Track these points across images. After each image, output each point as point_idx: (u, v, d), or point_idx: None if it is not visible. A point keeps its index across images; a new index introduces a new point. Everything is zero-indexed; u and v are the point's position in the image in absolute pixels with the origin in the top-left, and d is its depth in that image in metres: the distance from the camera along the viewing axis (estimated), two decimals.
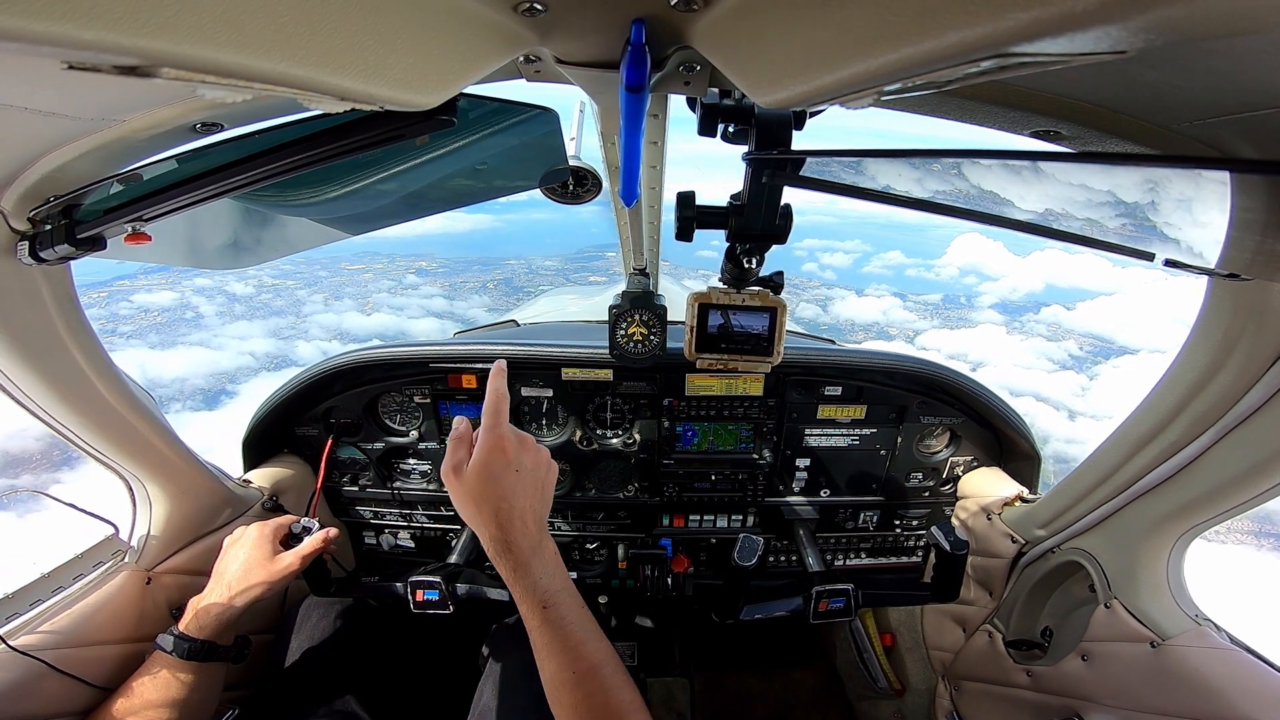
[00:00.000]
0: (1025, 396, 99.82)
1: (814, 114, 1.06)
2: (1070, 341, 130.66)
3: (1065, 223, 1.07)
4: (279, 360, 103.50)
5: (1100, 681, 1.78)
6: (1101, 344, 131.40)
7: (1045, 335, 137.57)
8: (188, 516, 2.01)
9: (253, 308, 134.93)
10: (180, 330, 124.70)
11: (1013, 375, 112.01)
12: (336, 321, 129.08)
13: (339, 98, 0.68)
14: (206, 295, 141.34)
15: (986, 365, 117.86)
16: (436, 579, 1.97)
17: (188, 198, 1.14)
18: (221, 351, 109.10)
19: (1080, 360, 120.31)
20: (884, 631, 3.20)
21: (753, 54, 0.75)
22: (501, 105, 1.29)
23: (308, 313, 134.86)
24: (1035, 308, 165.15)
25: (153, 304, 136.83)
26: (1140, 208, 1.01)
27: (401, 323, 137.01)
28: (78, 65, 0.49)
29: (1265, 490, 1.42)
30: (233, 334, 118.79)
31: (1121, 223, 1.03)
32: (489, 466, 1.28)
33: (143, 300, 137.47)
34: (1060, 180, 1.03)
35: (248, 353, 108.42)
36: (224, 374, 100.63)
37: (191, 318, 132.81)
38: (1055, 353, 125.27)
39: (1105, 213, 1.03)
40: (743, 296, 1.49)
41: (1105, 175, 1.03)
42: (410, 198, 1.82)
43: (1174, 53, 0.64)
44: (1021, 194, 1.07)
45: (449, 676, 2.50)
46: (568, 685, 1.21)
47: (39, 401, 1.51)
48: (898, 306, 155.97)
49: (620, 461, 2.62)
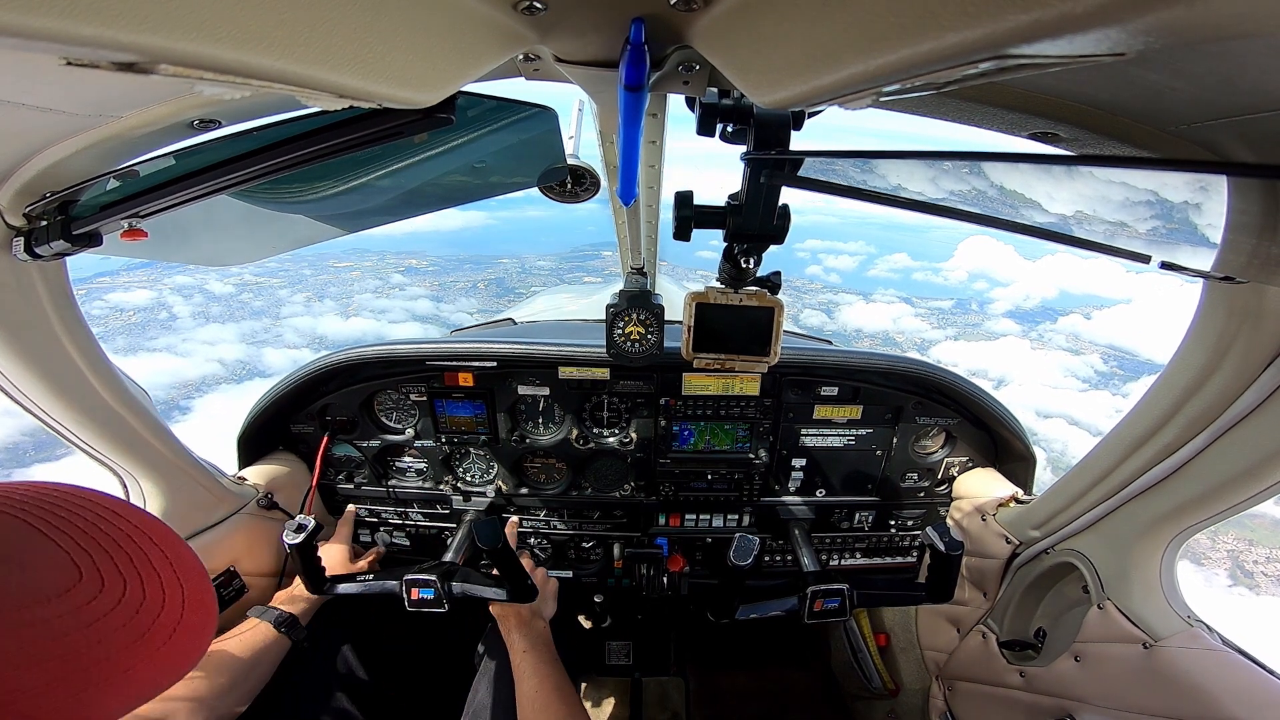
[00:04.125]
0: (1056, 419, 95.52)
1: (812, 114, 1.06)
2: (1094, 355, 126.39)
3: (1062, 225, 1.07)
4: (247, 370, 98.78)
5: (1092, 682, 1.79)
6: (1125, 357, 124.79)
7: (1066, 347, 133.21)
8: (182, 513, 2.00)
9: (230, 308, 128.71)
10: (149, 333, 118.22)
11: (1042, 396, 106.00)
12: (312, 325, 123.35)
13: (337, 95, 0.67)
14: (184, 294, 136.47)
15: (1010, 383, 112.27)
16: (432, 577, 1.97)
17: (185, 194, 1.14)
18: (187, 358, 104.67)
19: (1108, 377, 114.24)
20: (878, 631, 3.21)
21: (752, 54, 0.75)
22: (500, 103, 1.28)
23: (285, 315, 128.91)
24: (1052, 316, 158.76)
25: (127, 303, 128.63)
26: (1137, 210, 1.01)
27: (381, 328, 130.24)
28: (76, 61, 0.49)
29: (1258, 493, 1.42)
30: (203, 338, 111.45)
31: (1118, 225, 1.04)
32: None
33: (117, 299, 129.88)
34: (1058, 182, 1.04)
35: (216, 359, 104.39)
36: (186, 384, 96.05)
37: (165, 319, 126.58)
38: (1080, 368, 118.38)
39: (1102, 215, 1.04)
40: (740, 296, 1.49)
41: (1102, 177, 1.03)
42: (408, 195, 1.81)
43: (1172, 55, 0.65)
44: (1020, 196, 1.07)
45: (444, 674, 2.50)
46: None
47: (33, 397, 1.50)
48: (908, 314, 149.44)
49: (617, 460, 2.62)
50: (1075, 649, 1.85)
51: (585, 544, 2.86)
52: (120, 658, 0.78)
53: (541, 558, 2.90)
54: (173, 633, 0.84)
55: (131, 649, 0.80)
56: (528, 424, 2.56)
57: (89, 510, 0.86)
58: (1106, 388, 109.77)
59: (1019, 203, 1.08)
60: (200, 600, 0.91)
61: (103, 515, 0.87)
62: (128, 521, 0.88)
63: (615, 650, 3.64)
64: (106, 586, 0.80)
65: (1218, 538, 61.35)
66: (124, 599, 0.81)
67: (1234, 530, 62.43)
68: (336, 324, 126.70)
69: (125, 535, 0.86)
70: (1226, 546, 61.88)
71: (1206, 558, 59.97)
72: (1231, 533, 62.18)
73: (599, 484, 2.69)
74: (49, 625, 0.73)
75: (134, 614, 0.81)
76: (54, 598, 0.75)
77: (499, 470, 2.65)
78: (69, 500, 0.85)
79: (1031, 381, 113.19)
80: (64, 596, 0.76)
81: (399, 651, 2.54)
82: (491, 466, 2.67)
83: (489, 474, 2.69)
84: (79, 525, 0.83)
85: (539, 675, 1.87)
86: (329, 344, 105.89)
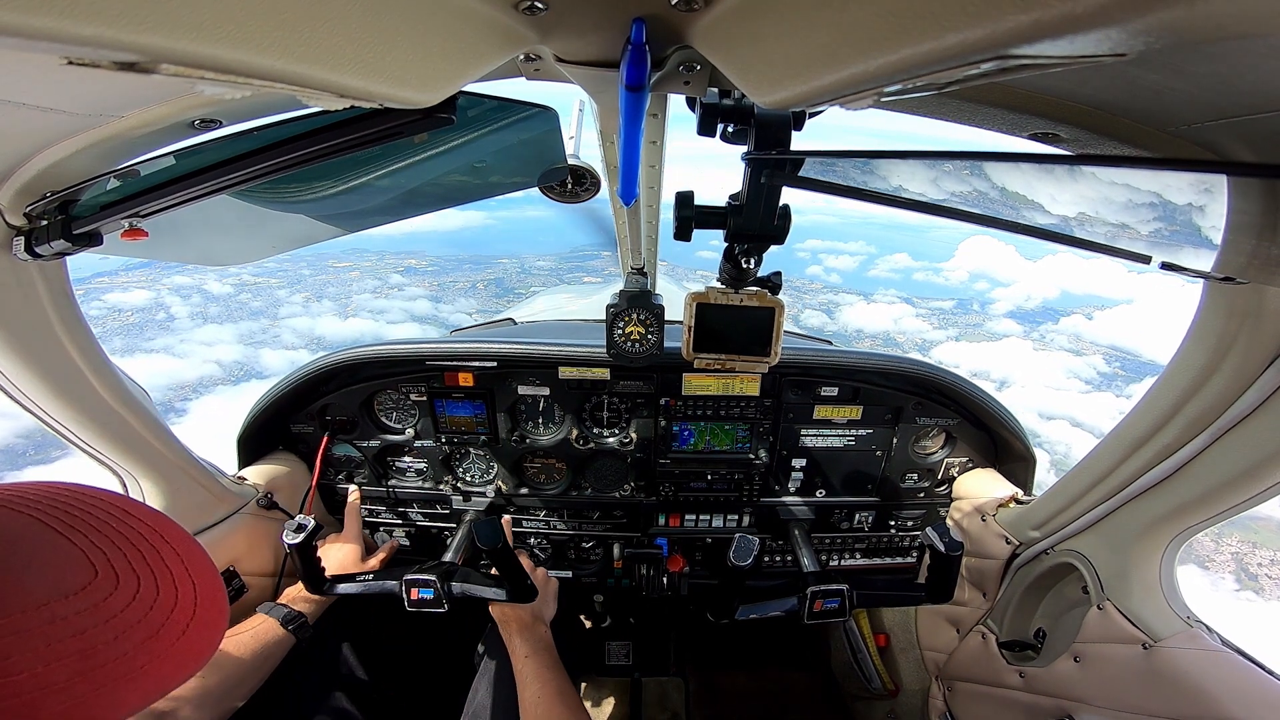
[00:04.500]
0: (1059, 420, 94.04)
1: (813, 114, 1.06)
2: (1096, 356, 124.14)
3: (1063, 225, 1.07)
4: (244, 371, 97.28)
5: (1092, 682, 1.79)
6: (1128, 357, 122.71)
7: (1068, 348, 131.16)
8: (181, 513, 2.00)
9: (229, 309, 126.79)
10: (147, 334, 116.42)
11: (1045, 398, 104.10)
12: (310, 326, 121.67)
13: (338, 95, 0.67)
14: (182, 295, 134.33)
15: (1012, 385, 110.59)
16: (431, 577, 1.97)
17: (185, 194, 1.14)
18: (185, 359, 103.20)
19: (1110, 379, 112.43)
20: (878, 632, 3.21)
21: (752, 54, 0.75)
22: (501, 103, 1.28)
23: (284, 315, 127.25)
24: (1054, 317, 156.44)
25: (125, 304, 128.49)
26: (1137, 211, 1.01)
27: (380, 329, 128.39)
28: (77, 61, 0.49)
29: (1258, 493, 1.42)
30: (201, 339, 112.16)
31: (1119, 226, 1.04)
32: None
33: (115, 300, 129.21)
34: (1059, 183, 1.04)
35: (213, 360, 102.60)
36: (183, 386, 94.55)
37: (163, 319, 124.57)
38: (1083, 369, 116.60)
39: (1103, 215, 1.04)
40: (740, 296, 1.49)
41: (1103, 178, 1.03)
42: (408, 195, 1.81)
43: (1173, 56, 0.65)
44: (1020, 196, 1.07)
45: (444, 674, 2.50)
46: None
47: (33, 397, 1.50)
48: (909, 314, 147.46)
49: (617, 461, 2.62)
50: (1075, 649, 1.85)
51: (585, 544, 2.86)
52: (136, 654, 0.78)
53: (541, 558, 2.90)
54: (185, 629, 0.85)
55: (147, 645, 0.80)
56: (528, 424, 2.56)
57: (100, 508, 0.86)
58: (1110, 389, 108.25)
59: (1020, 203, 1.08)
60: (212, 597, 0.91)
61: (113, 513, 0.87)
62: (138, 519, 0.89)
63: (615, 650, 3.64)
64: (121, 583, 0.80)
65: (1221, 541, 61.05)
66: (138, 595, 0.81)
67: (1238, 533, 62.09)
68: (335, 325, 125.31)
69: (136, 533, 0.86)
70: (1231, 549, 61.60)
71: (1211, 560, 59.59)
72: (1236, 535, 61.87)
73: (599, 484, 2.69)
74: (68, 622, 0.73)
75: (148, 610, 0.81)
76: (72, 594, 0.75)
77: (499, 470, 2.65)
78: (80, 499, 0.86)
79: (1034, 383, 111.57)
80: (82, 594, 0.76)
81: (399, 651, 2.54)
82: (491, 466, 2.67)
83: (489, 474, 2.69)
84: (91, 523, 0.83)
85: (541, 680, 1.87)
86: (326, 345, 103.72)
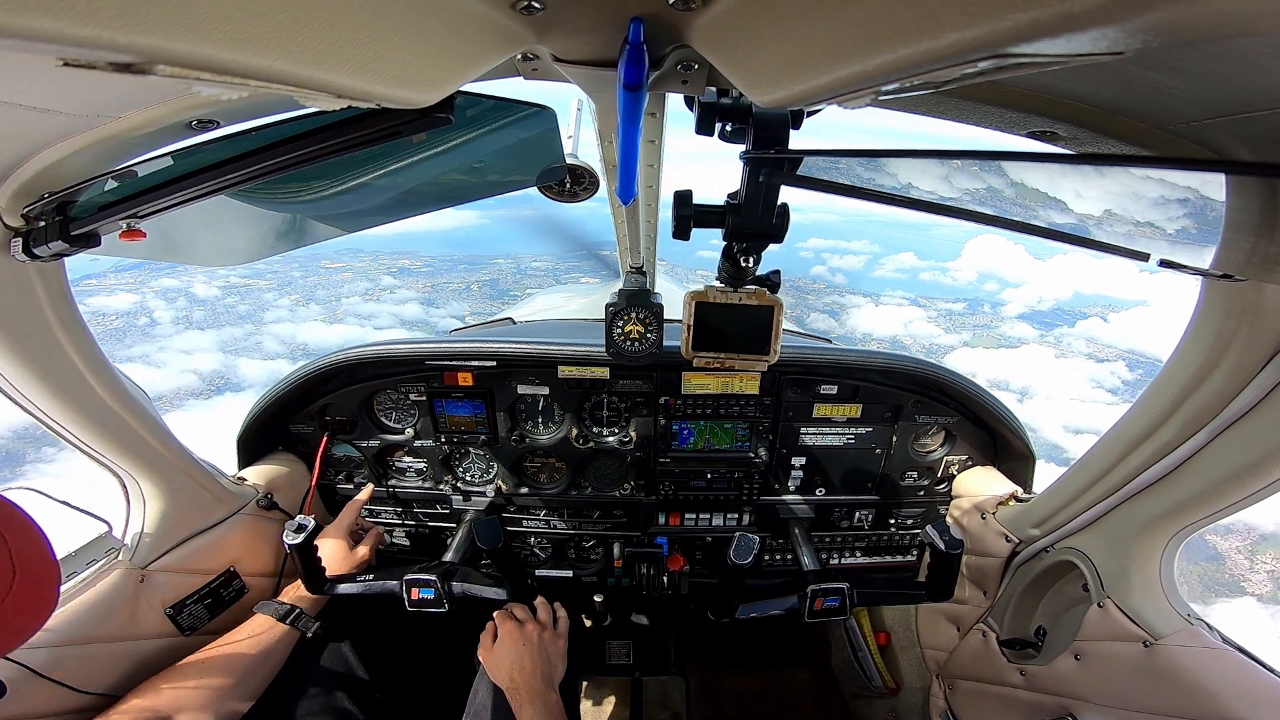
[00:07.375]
0: (1088, 434, 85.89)
1: (811, 113, 1.06)
2: (1119, 363, 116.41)
3: (1061, 223, 1.07)
4: (223, 381, 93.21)
5: (1093, 681, 1.79)
6: (1151, 363, 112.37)
7: (1088, 354, 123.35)
8: (182, 514, 2.00)
9: (214, 313, 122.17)
10: (126, 341, 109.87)
11: (1071, 410, 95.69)
12: (293, 333, 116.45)
13: (336, 95, 0.67)
14: (168, 298, 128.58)
15: (1034, 396, 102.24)
16: (432, 577, 1.97)
17: (183, 194, 1.14)
18: (161, 369, 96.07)
19: (1135, 386, 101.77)
20: (879, 630, 3.21)
21: (750, 53, 0.75)
22: (499, 103, 1.28)
23: (269, 320, 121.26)
24: (1070, 320, 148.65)
25: (108, 308, 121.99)
26: (1136, 208, 1.01)
27: (366, 335, 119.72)
28: (73, 62, 0.49)
29: (1257, 490, 1.42)
30: (181, 346, 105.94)
31: (1117, 223, 1.04)
32: (504, 640, 2.04)
33: (99, 304, 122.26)
34: (1057, 182, 1.04)
35: (191, 370, 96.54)
36: (158, 399, 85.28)
37: (145, 324, 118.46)
38: (1106, 378, 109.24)
39: (1101, 213, 1.04)
40: (739, 295, 1.49)
41: (1101, 176, 1.03)
42: (406, 195, 1.81)
43: (1171, 54, 0.65)
44: (1020, 195, 1.07)
45: (444, 674, 2.50)
46: None
47: (33, 398, 1.50)
48: (919, 317, 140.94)
49: (616, 460, 2.62)
50: (1075, 647, 1.85)
51: (585, 543, 2.86)
52: None
53: (541, 557, 2.90)
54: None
55: None
56: (527, 423, 2.55)
57: None
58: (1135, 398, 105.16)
59: (1019, 202, 1.08)
60: (33, 578, 1.00)
61: None
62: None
63: (615, 650, 3.63)
64: None
65: (1256, 558, 58.43)
66: None
67: (1272, 550, 59.72)
68: (320, 331, 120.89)
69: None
70: (1266, 567, 58.83)
71: (1246, 579, 56.74)
72: (1270, 553, 59.66)
73: (599, 483, 2.69)
74: None
75: None
76: None
77: (499, 470, 2.65)
78: None
79: (1058, 395, 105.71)
80: None
81: (399, 651, 2.54)
82: (491, 466, 2.67)
83: (489, 474, 2.69)
84: None
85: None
86: (310, 353, 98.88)
